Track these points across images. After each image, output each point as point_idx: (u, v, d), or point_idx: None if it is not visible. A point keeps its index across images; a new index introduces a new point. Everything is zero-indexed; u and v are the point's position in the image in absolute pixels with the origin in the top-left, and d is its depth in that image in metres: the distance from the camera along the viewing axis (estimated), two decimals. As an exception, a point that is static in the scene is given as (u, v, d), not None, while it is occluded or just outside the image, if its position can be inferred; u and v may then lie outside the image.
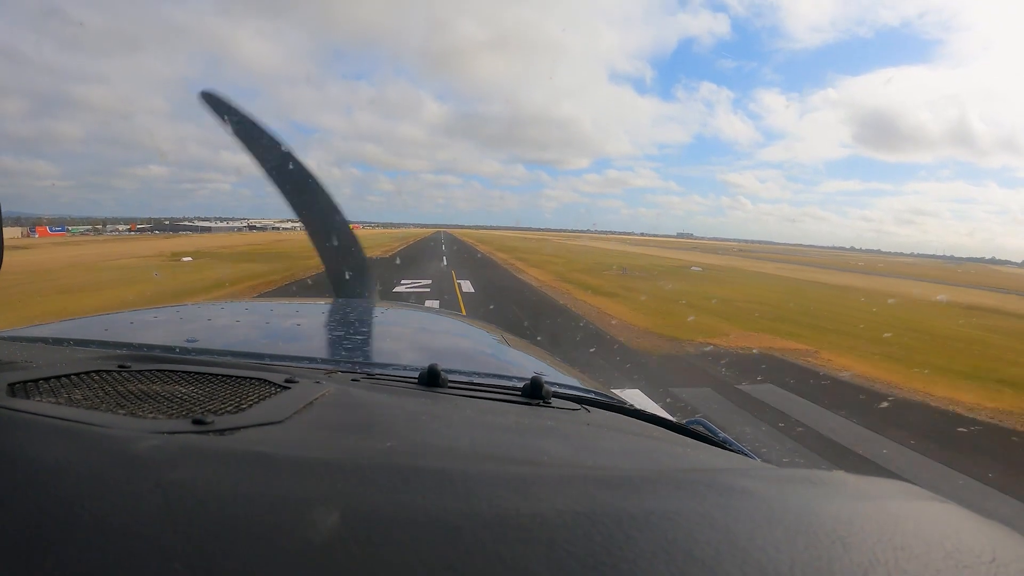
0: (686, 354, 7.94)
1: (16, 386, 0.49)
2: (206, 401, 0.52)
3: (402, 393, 0.70)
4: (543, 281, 17.99)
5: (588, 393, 0.99)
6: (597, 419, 0.75)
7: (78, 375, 0.56)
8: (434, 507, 0.30)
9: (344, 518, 0.29)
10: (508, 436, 0.56)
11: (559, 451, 0.52)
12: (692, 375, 6.76)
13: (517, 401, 0.75)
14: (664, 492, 0.35)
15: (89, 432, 0.38)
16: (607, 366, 6.95)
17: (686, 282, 20.81)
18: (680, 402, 5.54)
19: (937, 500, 0.43)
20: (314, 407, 0.53)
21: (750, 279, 25.43)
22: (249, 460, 0.35)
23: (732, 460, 0.70)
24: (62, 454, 0.34)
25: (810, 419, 5.30)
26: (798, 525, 0.33)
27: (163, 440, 0.37)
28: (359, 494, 0.31)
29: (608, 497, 0.34)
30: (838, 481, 0.42)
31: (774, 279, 26.49)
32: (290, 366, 0.84)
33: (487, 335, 1.65)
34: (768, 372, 7.02)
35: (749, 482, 0.39)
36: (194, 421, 0.43)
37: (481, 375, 0.98)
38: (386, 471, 0.34)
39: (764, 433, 4.87)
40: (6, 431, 0.37)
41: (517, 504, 0.32)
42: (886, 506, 0.39)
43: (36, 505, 0.29)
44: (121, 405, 0.48)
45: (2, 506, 0.29)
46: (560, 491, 0.34)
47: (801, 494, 0.39)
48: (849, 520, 0.34)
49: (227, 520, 0.28)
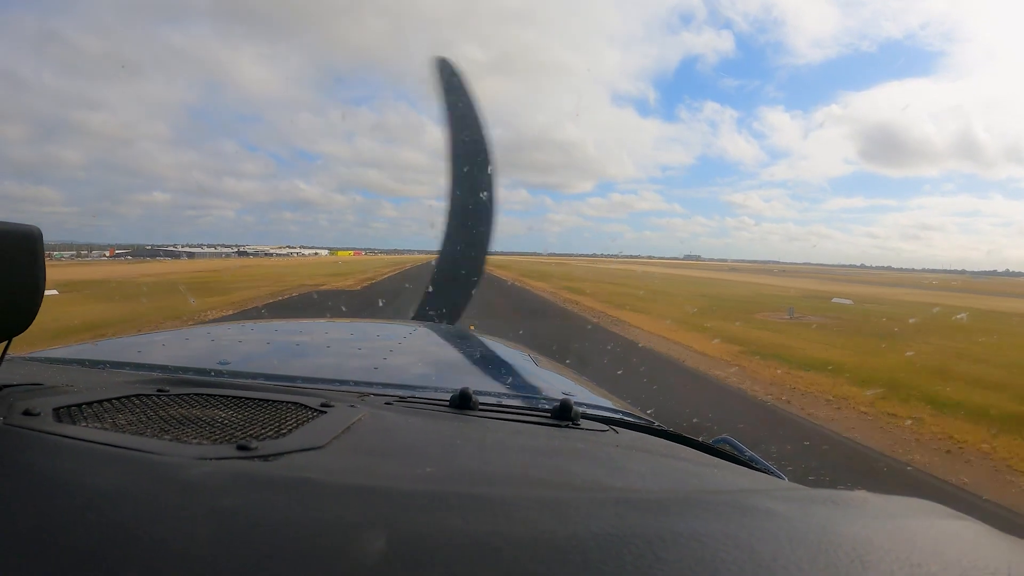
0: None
1: (61, 411, 0.51)
2: (246, 426, 0.54)
3: (435, 416, 0.72)
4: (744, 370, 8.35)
5: (616, 413, 1.01)
6: (625, 440, 0.76)
7: (119, 399, 0.59)
8: (475, 530, 0.32)
9: (391, 543, 0.30)
10: (540, 459, 0.58)
11: (590, 474, 0.54)
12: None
13: (547, 423, 0.77)
14: (691, 513, 0.37)
15: (142, 459, 0.40)
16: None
17: (964, 339, 12.06)
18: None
19: (957, 517, 0.45)
20: (352, 432, 0.55)
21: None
22: (297, 486, 0.36)
23: (757, 480, 0.71)
24: (118, 480, 0.35)
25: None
26: (819, 545, 0.34)
27: (213, 467, 0.39)
28: (404, 519, 0.33)
29: (638, 519, 0.35)
30: (859, 500, 0.44)
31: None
32: (323, 389, 0.86)
33: (517, 355, 1.67)
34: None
35: (772, 503, 0.40)
36: (238, 447, 0.45)
37: (511, 396, 1.00)
38: (428, 497, 0.36)
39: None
40: (58, 457, 0.39)
41: (553, 527, 0.33)
42: (905, 525, 0.41)
43: (97, 531, 0.30)
44: (165, 430, 0.50)
45: (65, 532, 0.29)
46: (593, 513, 0.36)
47: (823, 514, 0.41)
48: (868, 539, 0.36)
49: (281, 545, 0.29)
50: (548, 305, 19.46)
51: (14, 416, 0.47)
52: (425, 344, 1.72)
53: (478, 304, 4.39)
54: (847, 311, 18.90)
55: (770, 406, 6.62)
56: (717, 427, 4.81)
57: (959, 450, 5.20)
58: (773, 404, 6.68)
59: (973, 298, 28.37)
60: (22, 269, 0.47)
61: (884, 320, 15.80)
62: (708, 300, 21.33)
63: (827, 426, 5.83)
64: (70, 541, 0.29)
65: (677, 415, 5.24)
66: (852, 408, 6.51)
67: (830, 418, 6.11)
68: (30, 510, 0.31)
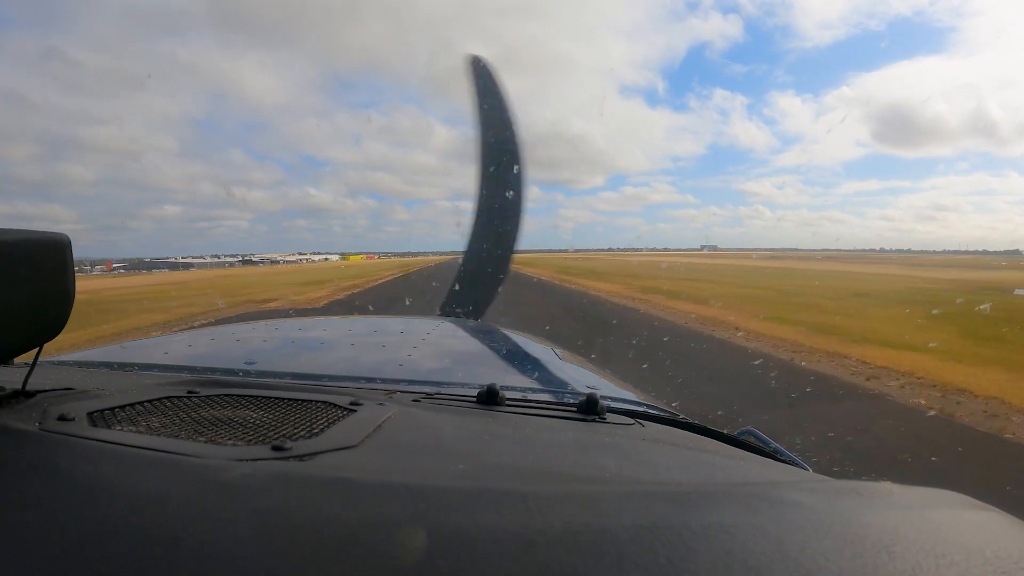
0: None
1: (95, 415, 0.52)
2: (279, 426, 0.54)
3: (463, 413, 0.72)
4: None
5: (641, 407, 1.02)
6: (652, 433, 0.77)
7: (151, 402, 0.59)
8: (511, 525, 0.32)
9: (432, 539, 0.31)
10: (569, 453, 0.59)
11: (619, 467, 0.55)
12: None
13: (574, 418, 0.78)
14: (720, 506, 0.38)
15: (180, 462, 0.40)
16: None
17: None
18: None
19: (981, 508, 0.46)
20: (383, 430, 0.55)
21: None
22: (334, 485, 0.37)
23: (783, 472, 0.72)
24: (159, 484, 0.36)
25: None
26: (846, 535, 0.35)
27: (251, 468, 0.39)
28: (441, 516, 0.33)
29: (669, 511, 0.36)
30: (884, 492, 0.45)
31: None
32: (351, 387, 0.87)
33: (541, 349, 1.68)
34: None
35: (799, 494, 0.41)
36: (273, 447, 0.45)
37: (537, 391, 1.01)
38: (463, 493, 0.37)
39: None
40: (97, 462, 0.39)
41: (587, 520, 0.34)
42: (930, 515, 0.42)
43: (143, 535, 0.30)
44: (199, 432, 0.50)
45: (111, 538, 0.30)
46: (624, 507, 0.36)
47: (849, 505, 0.42)
48: (894, 530, 0.36)
49: (322, 544, 0.30)
50: (684, 335, 10.39)
51: (49, 422, 0.47)
52: (450, 339, 1.73)
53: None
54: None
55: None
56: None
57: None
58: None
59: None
60: (52, 277, 0.48)
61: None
62: (884, 302, 15.29)
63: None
64: (117, 547, 0.29)
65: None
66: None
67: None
68: (75, 517, 0.31)
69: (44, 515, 0.31)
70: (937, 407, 5.95)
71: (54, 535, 0.30)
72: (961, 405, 5.99)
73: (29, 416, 0.48)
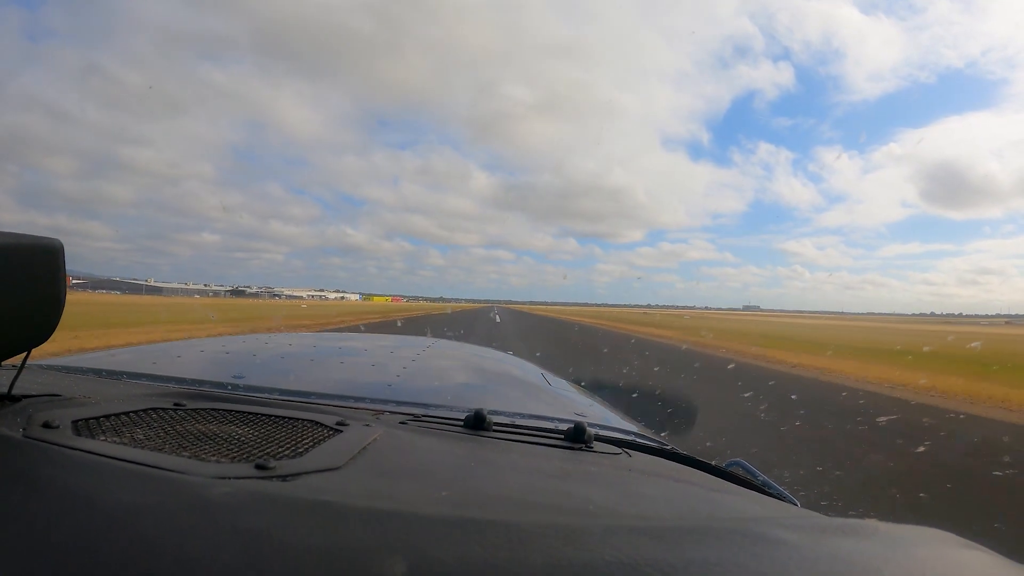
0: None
1: (80, 423, 0.52)
2: (263, 444, 0.54)
3: (449, 437, 0.71)
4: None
5: (630, 435, 1.00)
6: (638, 464, 0.76)
7: (136, 413, 0.60)
8: (493, 557, 0.32)
9: (411, 567, 0.30)
10: (555, 483, 0.58)
11: (603, 499, 0.53)
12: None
13: (560, 445, 0.76)
14: (704, 542, 0.38)
15: (162, 476, 0.40)
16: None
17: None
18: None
19: (967, 546, 0.45)
20: (368, 452, 0.55)
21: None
22: (316, 508, 0.37)
23: (769, 506, 0.70)
24: (140, 497, 0.36)
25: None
26: (830, 573, 0.35)
27: (233, 486, 0.39)
28: (423, 544, 0.33)
29: (651, 547, 0.36)
30: (870, 529, 0.44)
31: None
32: (338, 406, 0.86)
33: (530, 374, 1.66)
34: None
35: (784, 532, 0.41)
36: (256, 466, 0.45)
37: (525, 417, 0.99)
38: (445, 522, 0.36)
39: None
40: (79, 472, 0.39)
41: (568, 554, 0.34)
42: (915, 553, 0.41)
43: (120, 547, 0.30)
44: (183, 447, 0.50)
45: (91, 548, 0.30)
46: (607, 541, 0.36)
47: (834, 543, 0.41)
48: (879, 569, 0.37)
49: (302, 568, 0.30)
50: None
51: (33, 428, 0.47)
52: (439, 361, 1.71)
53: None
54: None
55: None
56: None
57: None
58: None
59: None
60: (44, 282, 0.48)
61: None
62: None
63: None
64: (97, 557, 0.29)
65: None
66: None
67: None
68: (55, 527, 0.31)
69: (24, 525, 0.31)
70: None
71: (34, 545, 0.29)
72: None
73: (14, 422, 0.48)
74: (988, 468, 4.84)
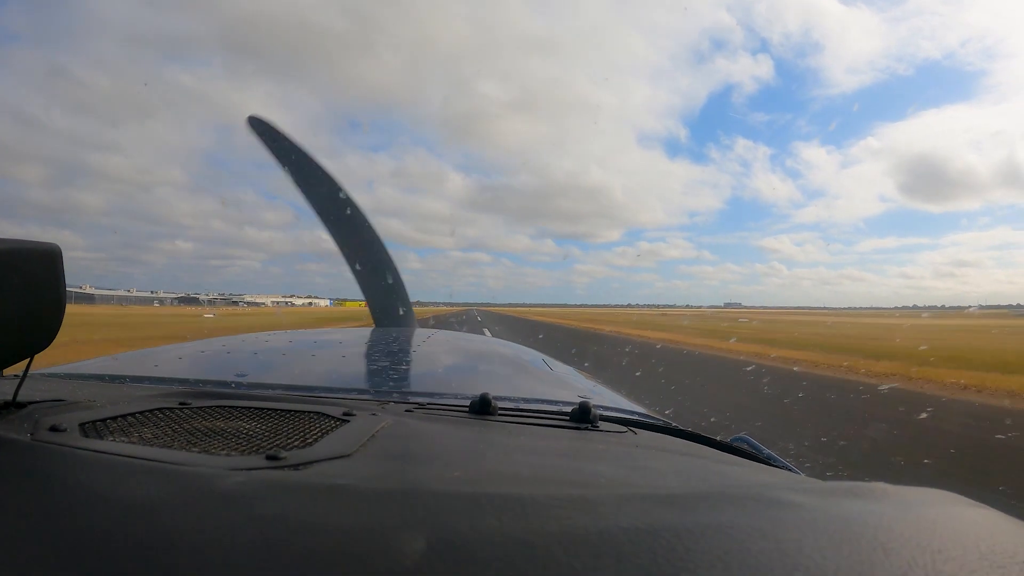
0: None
1: (87, 426, 0.52)
2: (272, 436, 0.54)
3: (456, 422, 0.72)
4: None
5: (634, 415, 1.01)
6: (644, 441, 0.77)
7: (143, 413, 0.60)
8: (508, 528, 0.33)
9: (430, 543, 0.31)
10: (564, 461, 0.59)
11: (614, 473, 0.54)
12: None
13: (566, 426, 0.77)
14: (716, 508, 0.38)
15: (175, 471, 0.40)
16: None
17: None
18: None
19: (974, 506, 0.46)
20: (377, 439, 0.56)
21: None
22: (331, 493, 0.37)
23: (777, 475, 0.71)
24: (154, 492, 0.36)
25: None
26: (842, 534, 0.35)
27: (246, 476, 0.39)
28: (440, 520, 0.33)
29: (666, 514, 0.36)
30: (879, 492, 0.45)
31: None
32: (343, 398, 0.87)
33: (532, 359, 1.67)
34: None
35: (795, 495, 0.41)
36: (267, 457, 0.45)
37: (529, 400, 1.00)
38: (461, 498, 0.37)
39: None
40: (90, 471, 0.39)
41: (584, 522, 0.34)
42: (925, 513, 0.42)
43: (139, 542, 0.30)
44: (192, 443, 0.50)
45: (107, 545, 0.30)
46: (621, 510, 0.36)
47: (844, 505, 0.42)
48: (889, 527, 0.37)
49: (321, 551, 0.30)
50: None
51: (41, 432, 0.47)
52: (442, 350, 1.73)
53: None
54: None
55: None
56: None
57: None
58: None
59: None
60: (44, 287, 0.48)
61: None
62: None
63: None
64: (114, 553, 0.29)
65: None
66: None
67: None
68: (70, 525, 0.31)
69: (38, 524, 0.31)
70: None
71: (49, 544, 0.29)
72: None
73: (21, 427, 0.48)
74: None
